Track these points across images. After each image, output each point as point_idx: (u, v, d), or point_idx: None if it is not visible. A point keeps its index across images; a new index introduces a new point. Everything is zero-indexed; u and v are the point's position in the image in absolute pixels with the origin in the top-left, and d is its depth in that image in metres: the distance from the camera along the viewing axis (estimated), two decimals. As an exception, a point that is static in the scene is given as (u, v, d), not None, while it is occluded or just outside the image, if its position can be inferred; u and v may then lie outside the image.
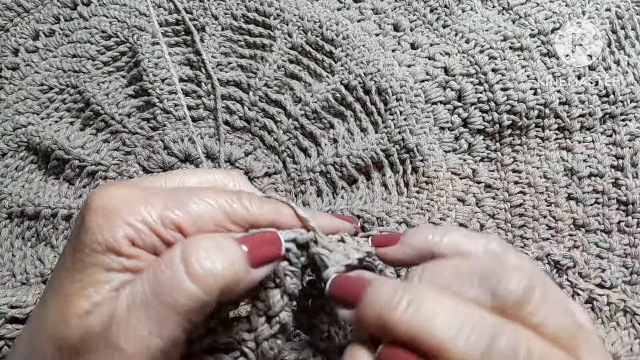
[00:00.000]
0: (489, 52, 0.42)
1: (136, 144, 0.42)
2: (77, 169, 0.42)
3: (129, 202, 0.24)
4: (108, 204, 0.24)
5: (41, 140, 0.42)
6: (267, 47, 0.44)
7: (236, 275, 0.22)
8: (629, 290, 0.38)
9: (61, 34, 0.45)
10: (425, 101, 0.41)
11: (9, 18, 0.46)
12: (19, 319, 0.34)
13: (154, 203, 0.24)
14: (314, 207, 0.40)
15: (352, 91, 0.42)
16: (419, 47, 0.44)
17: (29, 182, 0.42)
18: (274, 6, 0.44)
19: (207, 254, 0.22)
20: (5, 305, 0.34)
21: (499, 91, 0.41)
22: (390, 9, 0.46)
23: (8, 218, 0.41)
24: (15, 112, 0.44)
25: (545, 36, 0.43)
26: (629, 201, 0.39)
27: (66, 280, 0.23)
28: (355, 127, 0.41)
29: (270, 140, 0.42)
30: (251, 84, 0.43)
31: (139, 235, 0.23)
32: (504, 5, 0.45)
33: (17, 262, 0.40)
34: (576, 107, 0.41)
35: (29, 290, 0.35)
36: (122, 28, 0.44)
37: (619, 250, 0.39)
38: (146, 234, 0.23)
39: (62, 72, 0.44)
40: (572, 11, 0.44)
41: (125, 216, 0.23)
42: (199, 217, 0.24)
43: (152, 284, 0.22)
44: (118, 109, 0.43)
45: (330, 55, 0.43)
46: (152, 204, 0.24)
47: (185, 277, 0.21)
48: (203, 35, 0.45)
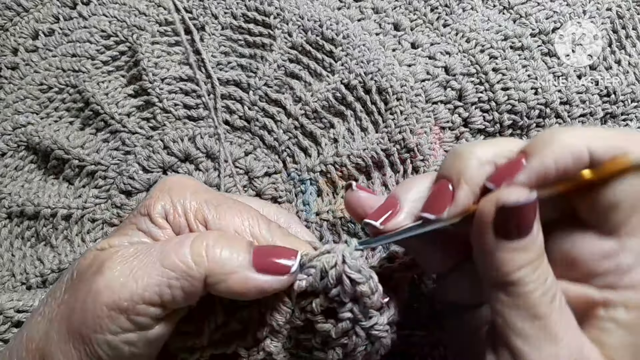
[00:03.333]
0: (490, 51, 0.42)
1: (136, 144, 0.42)
2: (76, 169, 0.42)
3: (183, 186, 0.28)
4: (170, 183, 0.28)
5: (41, 139, 0.41)
6: (267, 47, 0.44)
7: (233, 267, 0.24)
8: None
9: (61, 33, 0.45)
10: (426, 101, 0.41)
11: (8, 17, 0.46)
12: None
13: (199, 196, 0.27)
14: (314, 207, 0.40)
15: (352, 90, 0.41)
16: (419, 47, 0.44)
17: (29, 182, 0.42)
18: (274, 5, 0.44)
19: (215, 242, 0.24)
20: (12, 309, 0.34)
21: (500, 91, 0.41)
22: (390, 8, 0.45)
23: (7, 218, 0.41)
24: (15, 111, 0.43)
25: (546, 36, 0.43)
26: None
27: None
28: (355, 127, 0.41)
29: (270, 139, 0.42)
30: (251, 83, 0.43)
31: (172, 212, 0.27)
32: (504, 4, 0.45)
33: (17, 262, 0.40)
34: (577, 107, 0.41)
35: (35, 294, 0.35)
36: (121, 27, 0.44)
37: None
38: (179, 214, 0.27)
39: (62, 72, 0.44)
40: (573, 11, 0.44)
41: (172, 195, 0.27)
42: (226, 224, 0.27)
43: (161, 245, 0.25)
44: (118, 109, 0.43)
45: (331, 54, 0.43)
46: (197, 196, 0.27)
47: (187, 247, 0.24)
48: (203, 35, 0.45)
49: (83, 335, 0.24)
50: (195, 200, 0.27)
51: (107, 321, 0.23)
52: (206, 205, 0.27)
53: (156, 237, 0.27)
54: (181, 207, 0.27)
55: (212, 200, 0.27)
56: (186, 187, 0.28)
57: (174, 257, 0.24)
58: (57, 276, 0.39)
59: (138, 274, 0.24)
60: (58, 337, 0.24)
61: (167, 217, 0.27)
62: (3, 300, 0.34)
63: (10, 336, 0.33)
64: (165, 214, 0.27)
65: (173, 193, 0.27)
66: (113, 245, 0.26)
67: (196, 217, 0.27)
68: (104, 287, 0.23)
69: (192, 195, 0.27)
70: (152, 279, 0.23)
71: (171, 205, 0.27)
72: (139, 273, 0.24)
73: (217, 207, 0.27)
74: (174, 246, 0.24)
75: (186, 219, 0.27)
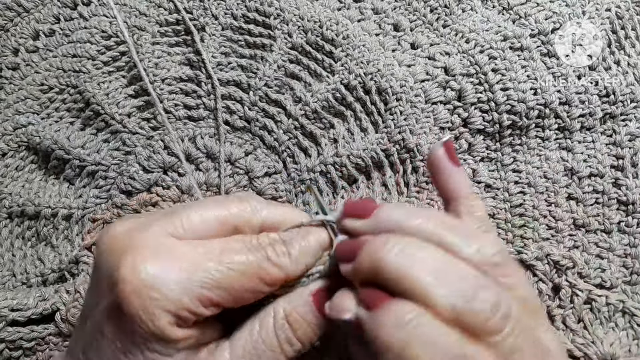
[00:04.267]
0: (489, 52, 0.42)
1: (136, 144, 0.42)
2: (77, 169, 0.42)
3: (163, 286, 0.22)
4: (139, 282, 0.22)
5: (41, 140, 0.42)
6: (267, 47, 0.44)
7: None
8: (629, 290, 0.38)
9: (61, 33, 0.45)
10: (425, 101, 0.41)
11: (9, 18, 0.46)
12: (20, 321, 0.34)
13: (190, 284, 0.22)
14: (314, 207, 0.40)
15: (352, 91, 0.42)
16: (419, 47, 0.44)
17: (29, 182, 0.42)
18: (274, 6, 0.44)
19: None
20: (6, 308, 0.34)
21: (499, 91, 0.41)
22: (390, 8, 0.46)
23: (8, 218, 0.41)
24: (16, 112, 0.44)
25: (545, 36, 0.43)
26: (629, 201, 0.39)
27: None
28: (355, 127, 0.41)
29: (270, 140, 0.42)
30: (251, 83, 0.43)
31: (181, 319, 0.22)
32: (504, 5, 0.45)
33: (17, 262, 0.40)
34: (576, 107, 0.41)
35: (30, 292, 0.35)
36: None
37: (619, 250, 0.39)
38: (188, 317, 0.22)
39: (62, 72, 0.44)
40: (572, 11, 0.44)
41: (162, 304, 0.22)
42: (235, 290, 0.23)
43: (249, 352, 0.24)
44: (118, 109, 0.43)
45: (331, 55, 0.43)
46: (188, 286, 0.22)
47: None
48: (203, 35, 0.45)
49: None
50: (191, 292, 0.22)
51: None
52: (204, 288, 0.22)
53: (188, 347, 0.23)
54: (183, 311, 0.22)
55: (206, 276, 0.23)
56: (165, 283, 0.22)
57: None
58: (57, 276, 0.39)
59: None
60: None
61: (178, 325, 0.23)
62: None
63: (5, 335, 0.33)
64: (176, 324, 0.22)
65: (161, 302, 0.22)
66: None
67: (205, 305, 0.23)
68: None
69: (182, 291, 0.22)
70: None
71: (173, 316, 0.22)
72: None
73: (215, 280, 0.23)
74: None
75: (196, 315, 0.23)
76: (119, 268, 0.22)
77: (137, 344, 0.23)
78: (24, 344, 0.34)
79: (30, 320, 0.34)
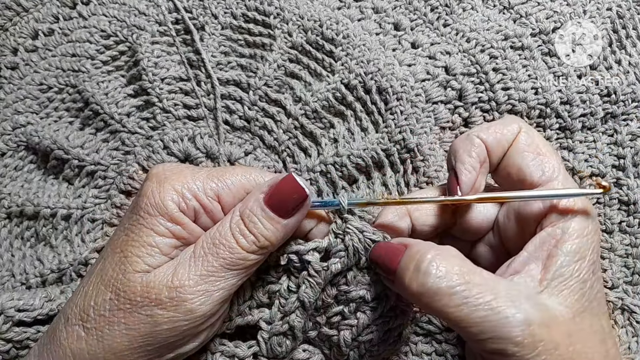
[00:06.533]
0: (490, 51, 0.42)
1: (136, 144, 0.42)
2: (76, 169, 0.41)
3: (178, 173, 0.29)
4: (162, 173, 0.29)
5: (40, 139, 0.41)
6: (267, 46, 0.44)
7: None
8: (630, 290, 0.38)
9: (60, 33, 0.45)
10: (426, 101, 0.41)
11: (8, 17, 0.46)
12: (26, 322, 0.34)
13: (199, 175, 0.29)
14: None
15: (352, 90, 0.41)
16: (419, 47, 0.44)
17: (28, 182, 0.42)
18: (274, 5, 0.44)
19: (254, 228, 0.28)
20: (12, 308, 0.34)
21: (500, 91, 0.41)
22: (390, 8, 0.45)
23: (7, 218, 0.41)
24: (15, 111, 0.43)
25: (546, 35, 0.43)
26: (630, 201, 0.39)
27: (122, 239, 0.28)
28: (355, 127, 0.41)
29: (270, 139, 0.42)
30: (251, 83, 0.43)
31: (184, 201, 0.28)
32: (504, 4, 0.45)
33: (17, 262, 0.40)
34: (577, 107, 0.41)
35: (36, 293, 0.35)
36: (121, 27, 0.44)
37: (621, 250, 0.39)
38: (189, 199, 0.28)
39: (62, 72, 0.44)
40: (573, 10, 0.44)
41: (174, 184, 0.28)
42: (234, 186, 0.29)
43: (208, 243, 0.28)
44: (117, 109, 0.43)
45: (331, 54, 0.43)
46: (197, 175, 0.29)
47: (233, 238, 0.28)
48: (203, 35, 0.45)
49: None
50: (198, 179, 0.29)
51: None
52: (210, 180, 0.29)
53: (179, 235, 0.28)
54: (189, 191, 0.28)
55: (213, 173, 0.29)
56: (181, 171, 0.29)
57: (230, 256, 0.29)
58: (57, 276, 0.39)
59: (215, 293, 0.28)
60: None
61: (180, 208, 0.28)
62: (3, 300, 0.34)
63: (12, 335, 0.33)
64: (177, 205, 0.28)
65: (173, 182, 0.28)
66: (153, 264, 0.27)
67: (207, 194, 0.29)
68: None
69: (192, 176, 0.29)
70: (226, 282, 0.29)
71: (178, 194, 0.28)
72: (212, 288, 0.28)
73: (220, 178, 0.29)
74: (224, 241, 0.29)
75: (198, 200, 0.28)
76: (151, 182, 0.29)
77: (141, 216, 0.28)
78: (30, 344, 0.34)
79: (36, 320, 0.34)
